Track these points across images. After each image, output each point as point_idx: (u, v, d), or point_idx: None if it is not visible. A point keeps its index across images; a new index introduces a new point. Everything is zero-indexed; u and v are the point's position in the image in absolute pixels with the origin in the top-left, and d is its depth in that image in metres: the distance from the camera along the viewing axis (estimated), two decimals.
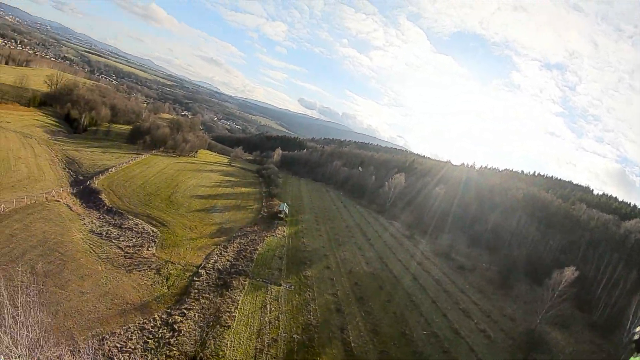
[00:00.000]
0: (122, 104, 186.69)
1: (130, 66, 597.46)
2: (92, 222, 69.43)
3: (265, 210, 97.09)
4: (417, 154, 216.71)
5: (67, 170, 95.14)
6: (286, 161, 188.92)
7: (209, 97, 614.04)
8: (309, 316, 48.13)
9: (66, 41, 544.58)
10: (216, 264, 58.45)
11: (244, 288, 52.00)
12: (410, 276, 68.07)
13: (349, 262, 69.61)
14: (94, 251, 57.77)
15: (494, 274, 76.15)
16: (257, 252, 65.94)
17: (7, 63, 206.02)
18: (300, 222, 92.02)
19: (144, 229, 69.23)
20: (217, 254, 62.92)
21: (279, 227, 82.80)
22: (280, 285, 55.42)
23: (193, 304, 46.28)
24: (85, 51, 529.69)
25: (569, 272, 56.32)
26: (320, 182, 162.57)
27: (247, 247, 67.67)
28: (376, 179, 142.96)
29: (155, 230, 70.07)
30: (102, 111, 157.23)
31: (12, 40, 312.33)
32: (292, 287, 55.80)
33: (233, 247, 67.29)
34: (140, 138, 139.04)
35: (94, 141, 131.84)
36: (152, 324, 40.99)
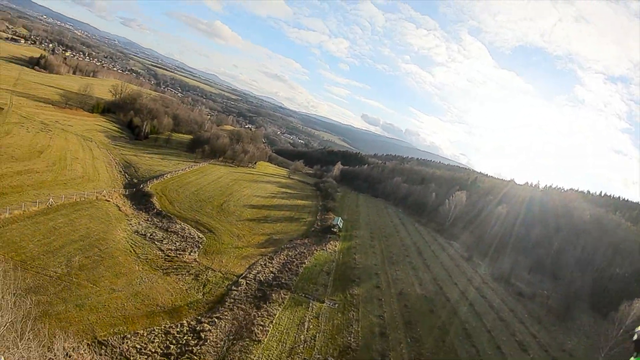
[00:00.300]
0: (185, 114, 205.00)
1: (196, 80, 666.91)
2: (138, 223, 72.49)
3: (319, 223, 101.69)
4: (479, 172, 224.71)
5: (122, 173, 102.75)
6: (346, 176, 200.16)
7: (272, 111, 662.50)
8: (349, 338, 47.80)
9: (133, 55, 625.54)
10: (258, 275, 60.04)
11: (283, 302, 52.54)
12: (466, 301, 67.71)
13: (400, 283, 70.30)
14: (134, 251, 59.59)
15: (555, 302, 75.02)
16: (304, 265, 67.50)
17: (74, 73, 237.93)
18: (354, 238, 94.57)
19: (190, 234, 72.04)
20: (261, 264, 64.92)
21: (331, 242, 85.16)
22: (324, 302, 55.81)
23: (226, 313, 46.76)
24: (152, 65, 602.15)
25: (639, 305, 54.47)
26: (379, 199, 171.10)
27: (294, 259, 69.53)
28: (437, 197, 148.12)
29: (201, 236, 72.90)
30: (164, 120, 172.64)
31: (81, 53, 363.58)
32: (336, 305, 55.95)
33: (279, 258, 69.22)
34: (200, 147, 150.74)
35: (153, 148, 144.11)
36: (178, 329, 42.14)
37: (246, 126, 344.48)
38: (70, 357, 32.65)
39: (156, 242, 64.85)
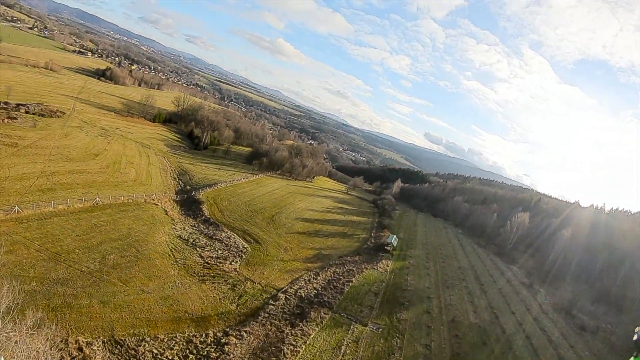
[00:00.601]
0: (247, 127, 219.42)
1: (260, 95, 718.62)
2: (183, 228, 74.42)
3: (372, 241, 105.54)
4: (542, 193, 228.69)
5: (177, 179, 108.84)
6: (406, 194, 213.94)
7: (335, 128, 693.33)
8: None
9: (198, 70, 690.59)
10: (300, 290, 60.98)
11: (322, 322, 52.54)
12: (522, 334, 66.98)
13: (453, 309, 70.10)
14: (173, 255, 60.71)
15: (620, 339, 73.39)
16: (351, 284, 68.49)
17: (139, 85, 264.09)
18: (408, 258, 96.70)
19: (235, 243, 73.98)
20: (305, 279, 66.44)
21: (383, 261, 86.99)
22: (366, 325, 55.46)
23: (257, 328, 46.98)
24: (217, 80, 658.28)
25: None
26: (438, 218, 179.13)
27: (341, 277, 70.96)
28: (498, 218, 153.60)
29: (246, 246, 74.91)
30: (225, 132, 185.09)
31: (146, 67, 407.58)
32: (380, 329, 55.34)
33: (325, 275, 70.99)
34: (258, 159, 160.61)
35: (211, 158, 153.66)
36: (201, 339, 42.01)
37: (308, 142, 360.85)
38: (82, 351, 33.38)
39: (198, 249, 66.40)
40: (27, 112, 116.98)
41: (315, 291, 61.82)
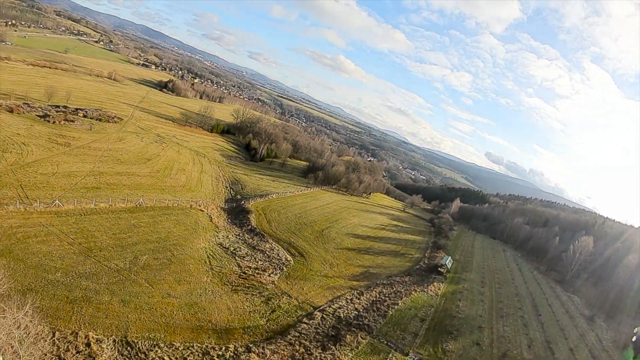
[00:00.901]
0: (305, 141, 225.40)
1: (321, 112, 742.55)
2: (226, 236, 73.73)
3: (425, 261, 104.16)
4: (606, 217, 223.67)
5: (228, 188, 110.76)
6: (465, 214, 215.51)
7: (395, 145, 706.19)
8: None
9: (260, 86, 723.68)
10: (339, 310, 59.10)
11: (357, 347, 50.26)
12: None
13: (506, 342, 67.48)
14: (209, 262, 59.96)
15: None
16: (396, 307, 66.34)
17: (201, 97, 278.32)
18: (462, 281, 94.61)
19: (278, 255, 72.62)
20: (346, 298, 64.47)
21: (434, 283, 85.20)
22: (407, 354, 53.34)
23: (283, 347, 45.01)
24: (278, 96, 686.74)
25: None
26: (497, 240, 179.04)
27: (387, 298, 68.96)
28: (560, 242, 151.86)
29: (289, 259, 73.46)
30: (283, 145, 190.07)
31: (209, 81, 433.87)
32: None
33: (370, 295, 68.85)
34: (314, 172, 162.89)
35: (267, 170, 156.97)
36: (220, 352, 40.16)
37: (368, 159, 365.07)
38: (89, 346, 33.06)
39: (237, 258, 65.47)
40: (84, 116, 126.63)
41: (355, 312, 59.78)
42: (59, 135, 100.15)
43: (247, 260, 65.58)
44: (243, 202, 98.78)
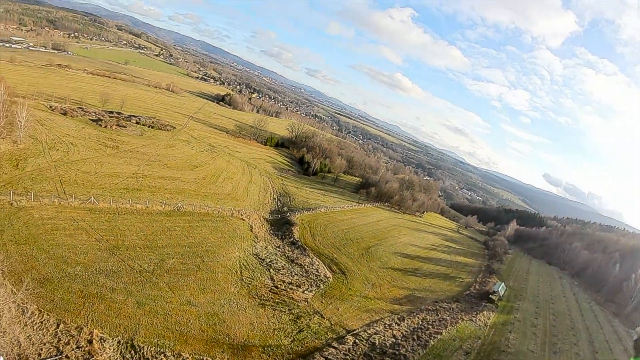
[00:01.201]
0: (360, 158, 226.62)
1: (378, 129, 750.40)
2: (265, 247, 72.15)
3: (477, 287, 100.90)
4: None
5: (275, 200, 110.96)
6: (520, 237, 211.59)
7: (452, 165, 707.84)
8: None
9: (318, 102, 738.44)
10: (374, 336, 56.29)
11: None
12: None
13: None
14: (240, 272, 58.57)
15: None
16: (439, 336, 63.43)
17: (257, 112, 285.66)
18: (514, 311, 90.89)
19: (317, 271, 70.12)
20: (385, 323, 62.07)
21: (484, 312, 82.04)
22: None
23: None
24: (336, 112, 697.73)
25: None
26: (554, 266, 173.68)
27: (430, 326, 66.38)
28: (620, 269, 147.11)
29: (329, 275, 70.74)
30: (337, 160, 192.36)
31: (267, 96, 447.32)
32: None
33: (411, 321, 66.33)
34: (366, 188, 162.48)
35: (318, 184, 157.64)
36: None
37: (424, 178, 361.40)
38: (90, 343, 32.71)
39: (271, 270, 63.72)
40: (137, 123, 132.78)
41: (393, 339, 56.49)
42: (108, 138, 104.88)
43: (282, 274, 63.67)
44: (288, 214, 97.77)
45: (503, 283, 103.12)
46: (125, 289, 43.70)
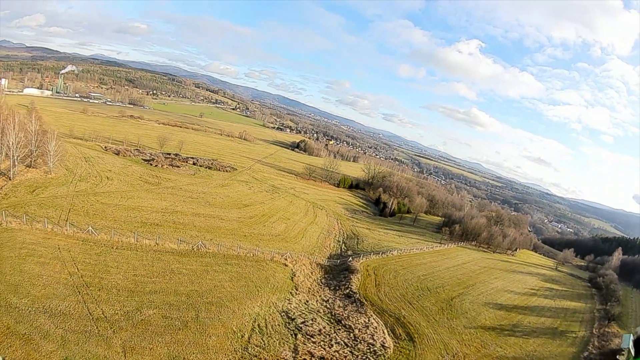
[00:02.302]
0: (442, 196, 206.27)
1: (459, 168, 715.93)
2: (304, 301, 54.03)
3: (596, 342, 76.93)
4: None
5: (340, 243, 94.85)
6: (626, 269, 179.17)
7: (539, 198, 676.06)
8: None
9: (397, 146, 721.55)
10: None
11: None
12: None
13: None
14: (249, 338, 41.28)
15: None
16: None
17: (334, 157, 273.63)
18: None
19: (372, 337, 49.95)
20: None
21: None
22: None
23: None
24: (416, 155, 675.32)
25: None
26: None
27: None
28: None
29: (388, 344, 50.03)
30: (417, 199, 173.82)
31: (345, 142, 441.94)
32: None
33: None
34: (449, 226, 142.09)
35: (395, 225, 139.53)
36: None
37: (511, 214, 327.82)
38: None
39: (300, 336, 44.84)
40: (194, 164, 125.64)
41: None
42: (153, 175, 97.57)
43: (313, 342, 44.44)
44: (350, 258, 78.94)
45: (631, 334, 73.87)
46: (61, 338, 32.99)
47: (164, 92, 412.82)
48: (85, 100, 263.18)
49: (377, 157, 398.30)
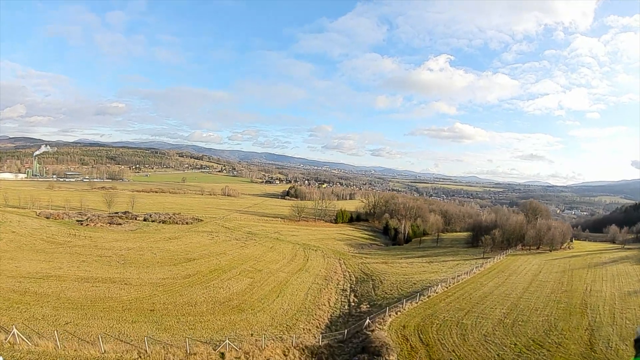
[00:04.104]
0: (455, 209, 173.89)
1: (457, 184, 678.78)
2: None
3: None
4: None
5: (344, 294, 55.13)
6: None
7: (543, 192, 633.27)
8: None
9: (391, 178, 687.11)
10: None
11: None
12: None
13: None
14: None
15: None
16: None
17: (329, 198, 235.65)
18: None
19: None
20: None
21: None
22: None
23: None
24: (411, 182, 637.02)
25: None
26: None
27: None
28: None
29: None
30: (430, 218, 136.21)
31: (338, 184, 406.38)
32: None
33: None
34: (485, 235, 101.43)
35: (416, 250, 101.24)
36: None
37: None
38: None
39: None
40: (144, 220, 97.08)
41: None
42: (71, 234, 73.22)
43: None
44: (368, 320, 37.00)
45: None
46: None
47: (147, 165, 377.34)
48: (61, 179, 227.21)
49: (375, 190, 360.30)
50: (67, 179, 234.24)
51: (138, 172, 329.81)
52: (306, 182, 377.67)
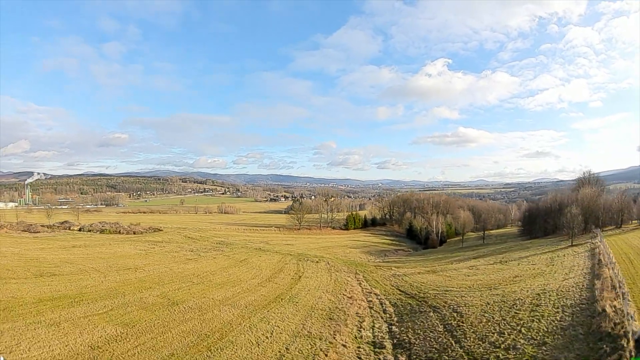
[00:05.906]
0: (483, 204, 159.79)
1: (466, 189, 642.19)
2: None
3: None
4: None
5: (383, 333, 23.27)
6: None
7: (555, 187, 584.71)
8: None
9: (399, 189, 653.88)
10: None
11: None
12: None
13: None
14: None
15: None
16: None
17: (338, 210, 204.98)
18: None
19: None
20: None
21: None
22: None
23: None
24: (420, 191, 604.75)
25: None
26: None
27: None
28: None
29: None
30: (461, 214, 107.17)
31: (346, 197, 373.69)
32: None
33: None
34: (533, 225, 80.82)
35: (463, 251, 70.12)
36: None
37: None
38: None
39: None
40: (80, 230, 73.36)
41: None
42: None
43: None
44: None
45: None
46: None
47: (148, 192, 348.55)
48: (53, 207, 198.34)
49: (385, 199, 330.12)
50: (59, 207, 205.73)
51: (138, 199, 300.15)
52: (312, 197, 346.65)
